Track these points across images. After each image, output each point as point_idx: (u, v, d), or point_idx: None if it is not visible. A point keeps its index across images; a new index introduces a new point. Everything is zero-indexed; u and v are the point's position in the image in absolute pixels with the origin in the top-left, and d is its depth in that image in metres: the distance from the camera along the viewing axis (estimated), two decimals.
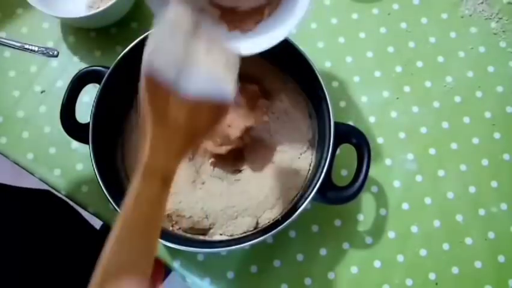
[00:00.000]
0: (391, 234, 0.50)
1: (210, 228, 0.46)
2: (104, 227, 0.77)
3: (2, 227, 0.53)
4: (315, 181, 0.42)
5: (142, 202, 0.24)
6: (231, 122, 0.44)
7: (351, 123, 0.45)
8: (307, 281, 0.49)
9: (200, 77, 0.27)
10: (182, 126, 0.27)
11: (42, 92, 0.55)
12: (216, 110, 0.28)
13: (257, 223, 0.45)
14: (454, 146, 0.53)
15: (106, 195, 0.41)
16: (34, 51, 0.56)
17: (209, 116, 0.28)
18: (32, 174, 0.53)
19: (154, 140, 0.25)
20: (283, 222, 0.40)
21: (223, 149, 0.45)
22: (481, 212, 0.51)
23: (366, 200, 0.51)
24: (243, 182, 0.47)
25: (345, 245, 0.50)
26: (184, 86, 0.26)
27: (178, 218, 0.45)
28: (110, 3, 0.50)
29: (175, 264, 0.49)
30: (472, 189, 0.52)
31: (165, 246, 0.45)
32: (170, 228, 0.46)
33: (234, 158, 0.47)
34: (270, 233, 0.40)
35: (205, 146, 0.46)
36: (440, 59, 0.56)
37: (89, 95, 0.52)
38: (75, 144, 0.52)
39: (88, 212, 0.52)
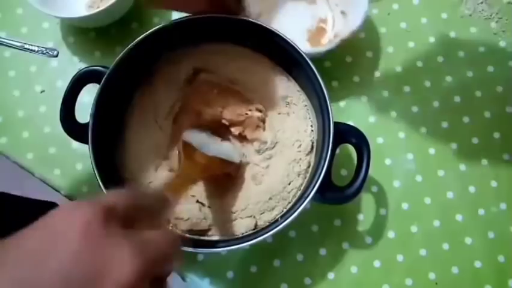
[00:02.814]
0: (391, 234, 0.50)
1: (209, 229, 0.45)
2: None
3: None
4: (314, 181, 0.42)
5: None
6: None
7: (351, 123, 0.44)
8: (307, 281, 0.49)
9: (215, 147, 0.45)
10: (201, 164, 0.42)
11: (42, 92, 0.55)
12: (225, 162, 0.45)
13: (256, 224, 0.45)
14: (453, 146, 0.53)
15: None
16: (34, 51, 0.56)
17: (220, 164, 0.44)
18: (32, 174, 0.53)
19: (185, 167, 0.41)
20: (282, 222, 0.40)
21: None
22: (481, 211, 0.51)
23: (366, 200, 0.51)
24: (241, 182, 0.47)
25: (345, 245, 0.50)
26: (206, 150, 0.44)
27: (176, 221, 0.44)
28: (110, 3, 0.50)
29: (175, 264, 0.49)
30: (471, 189, 0.52)
31: None
32: None
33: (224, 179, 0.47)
34: (269, 233, 0.40)
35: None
36: (440, 59, 0.56)
37: (89, 95, 0.52)
38: (75, 144, 0.52)
39: None
